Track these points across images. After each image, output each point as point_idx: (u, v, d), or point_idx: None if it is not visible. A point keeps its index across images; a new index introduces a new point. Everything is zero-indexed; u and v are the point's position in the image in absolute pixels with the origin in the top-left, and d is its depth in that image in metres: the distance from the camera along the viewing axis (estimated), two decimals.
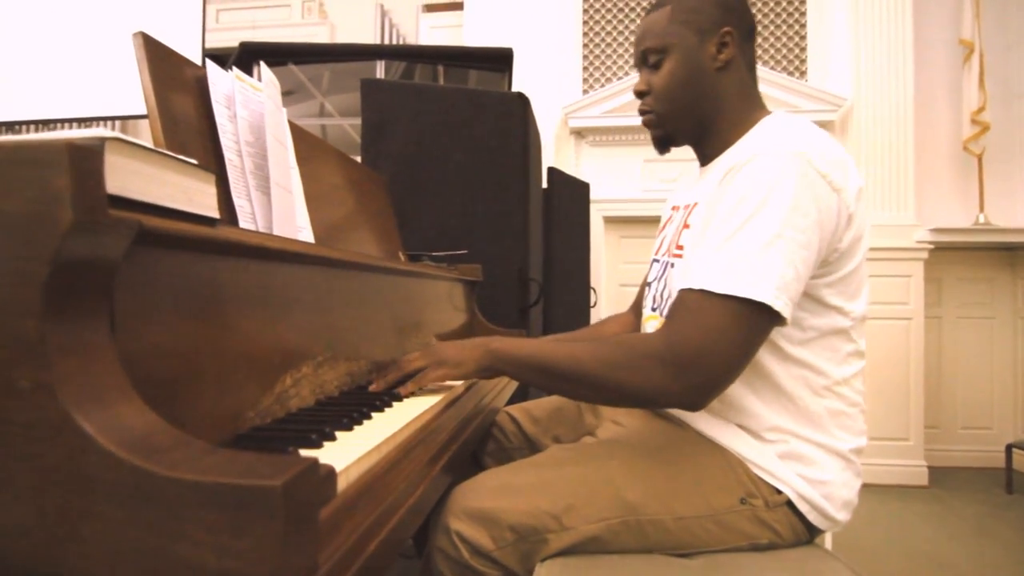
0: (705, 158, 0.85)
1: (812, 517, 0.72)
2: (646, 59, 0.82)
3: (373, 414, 0.59)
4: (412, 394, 0.75)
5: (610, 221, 3.90)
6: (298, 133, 0.97)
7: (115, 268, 0.37)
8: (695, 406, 0.68)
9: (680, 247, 0.79)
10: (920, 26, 3.48)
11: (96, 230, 0.34)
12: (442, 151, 1.89)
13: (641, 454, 0.74)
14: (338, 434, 0.51)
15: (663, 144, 0.86)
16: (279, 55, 2.36)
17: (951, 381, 3.27)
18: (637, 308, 1.05)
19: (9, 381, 0.32)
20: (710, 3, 0.78)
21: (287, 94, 3.53)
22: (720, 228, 0.67)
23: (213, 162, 0.69)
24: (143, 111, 0.63)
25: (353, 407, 0.62)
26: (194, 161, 0.50)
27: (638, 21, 4.05)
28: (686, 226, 0.79)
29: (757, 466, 0.71)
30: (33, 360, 0.31)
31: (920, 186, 3.24)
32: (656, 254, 0.91)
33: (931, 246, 3.05)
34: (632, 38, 3.89)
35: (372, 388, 0.74)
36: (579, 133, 3.88)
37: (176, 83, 0.66)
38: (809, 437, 0.72)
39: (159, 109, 0.61)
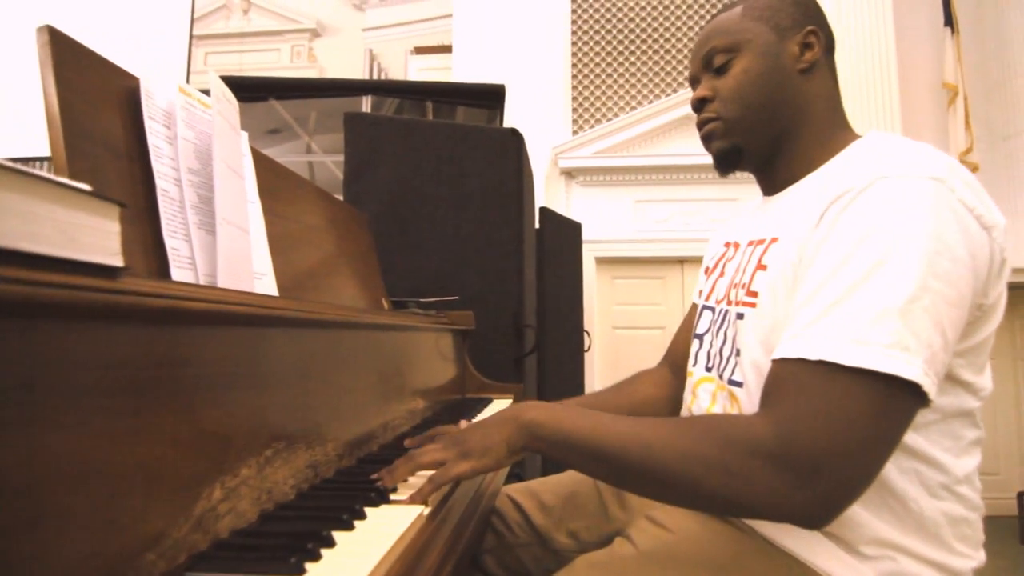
0: (774, 185, 0.70)
1: None
2: (710, 62, 0.69)
3: (338, 535, 0.42)
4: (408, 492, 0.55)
5: (602, 262, 3.80)
6: (266, 164, 0.83)
7: None
8: (818, 523, 0.50)
9: (753, 293, 0.62)
10: (904, 69, 3.53)
11: None
12: (430, 189, 1.76)
13: None
14: None
15: (729, 159, 0.70)
16: (260, 90, 2.25)
17: None
18: (673, 362, 0.87)
19: None
20: (790, 2, 0.67)
21: (272, 132, 3.44)
22: (839, 275, 0.50)
23: (142, 193, 0.54)
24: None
25: (312, 522, 0.45)
26: (83, 186, 0.35)
27: (626, 63, 4.08)
28: (761, 267, 0.62)
29: None
30: None
31: None
32: (705, 299, 0.74)
33: None
34: (620, 80, 3.89)
35: (374, 477, 0.57)
36: (569, 173, 3.82)
37: (94, 91, 0.52)
38: (921, 554, 0.54)
39: (63, 121, 0.46)
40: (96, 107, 0.52)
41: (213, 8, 6.96)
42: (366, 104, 2.34)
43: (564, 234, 2.92)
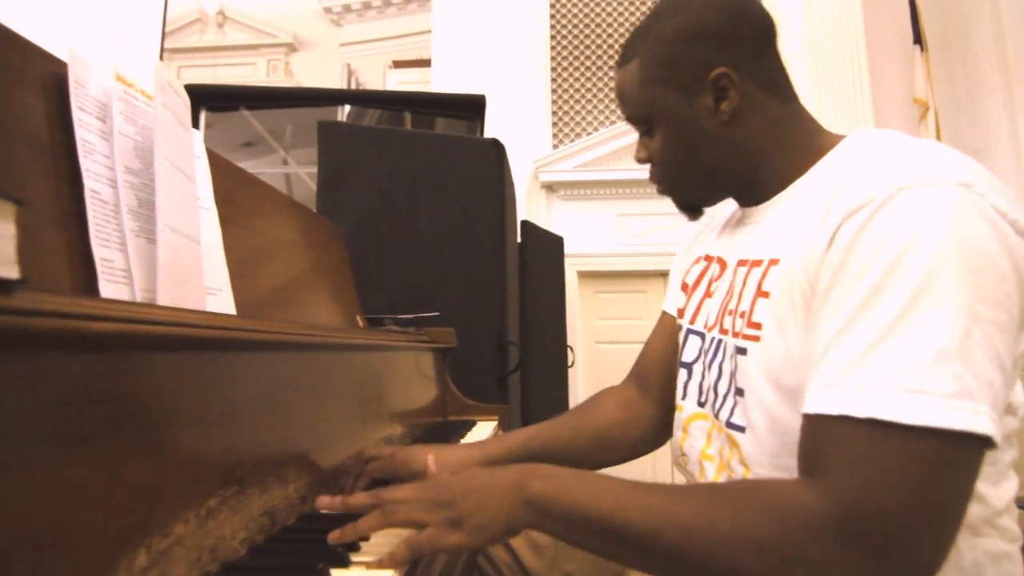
0: (753, 198, 0.62)
1: None
2: (636, 125, 0.64)
3: None
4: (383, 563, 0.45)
5: (584, 276, 3.76)
6: (227, 169, 0.75)
7: None
8: None
9: (756, 324, 0.54)
10: (876, 86, 3.61)
11: None
12: (408, 201, 1.69)
13: None
14: None
15: (690, 211, 0.67)
16: (230, 99, 2.16)
17: None
18: (641, 379, 0.80)
19: None
20: (685, 42, 0.58)
21: (246, 145, 3.34)
22: (873, 310, 0.43)
23: (67, 195, 0.46)
24: None
25: None
26: None
27: (606, 76, 4.09)
28: (762, 293, 0.54)
29: None
30: None
31: None
32: (690, 322, 0.67)
33: None
34: (600, 95, 3.90)
35: (333, 537, 0.47)
36: (550, 187, 3.79)
37: (9, 73, 0.44)
38: None
39: None
40: (11, 92, 0.44)
41: (187, 22, 6.85)
42: (342, 115, 2.27)
43: (546, 248, 2.87)
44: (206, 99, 1.94)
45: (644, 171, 0.66)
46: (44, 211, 0.44)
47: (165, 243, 0.49)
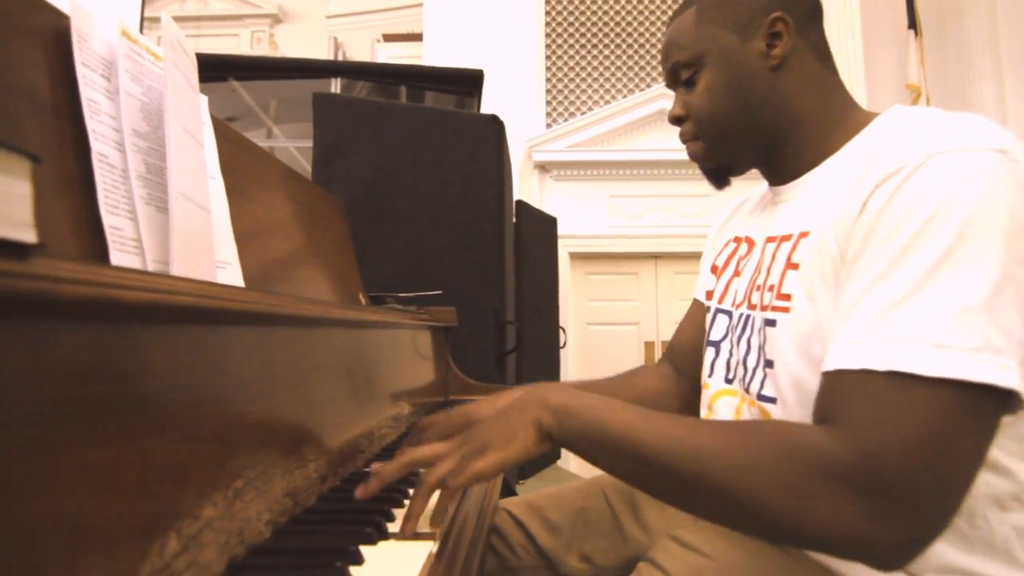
0: (783, 176, 0.62)
1: None
2: (677, 77, 0.63)
3: None
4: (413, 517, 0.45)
5: (576, 257, 3.75)
6: (229, 136, 0.72)
7: None
8: (899, 562, 0.42)
9: (786, 296, 0.54)
10: (870, 70, 3.61)
11: None
12: (406, 177, 1.66)
13: None
14: None
15: (720, 177, 0.65)
16: (219, 68, 2.08)
17: None
18: (674, 361, 0.80)
19: None
20: None
21: (231, 120, 3.24)
22: (901, 268, 0.43)
23: (73, 158, 0.43)
24: None
25: (296, 570, 0.36)
26: None
27: (601, 56, 4.04)
28: (792, 265, 0.54)
29: None
30: None
31: None
32: (719, 302, 0.67)
33: None
34: (595, 73, 3.84)
35: (360, 492, 0.47)
36: (543, 167, 3.75)
37: (8, 25, 0.40)
38: (986, 574, 0.47)
39: None
40: (9, 44, 0.41)
41: None
42: (335, 87, 2.20)
43: (540, 229, 2.85)
44: (198, 68, 1.87)
45: (639, 152, 0.65)
46: (50, 174, 0.41)
47: (178, 212, 0.46)
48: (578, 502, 0.72)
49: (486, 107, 3.11)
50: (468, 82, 2.14)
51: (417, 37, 4.49)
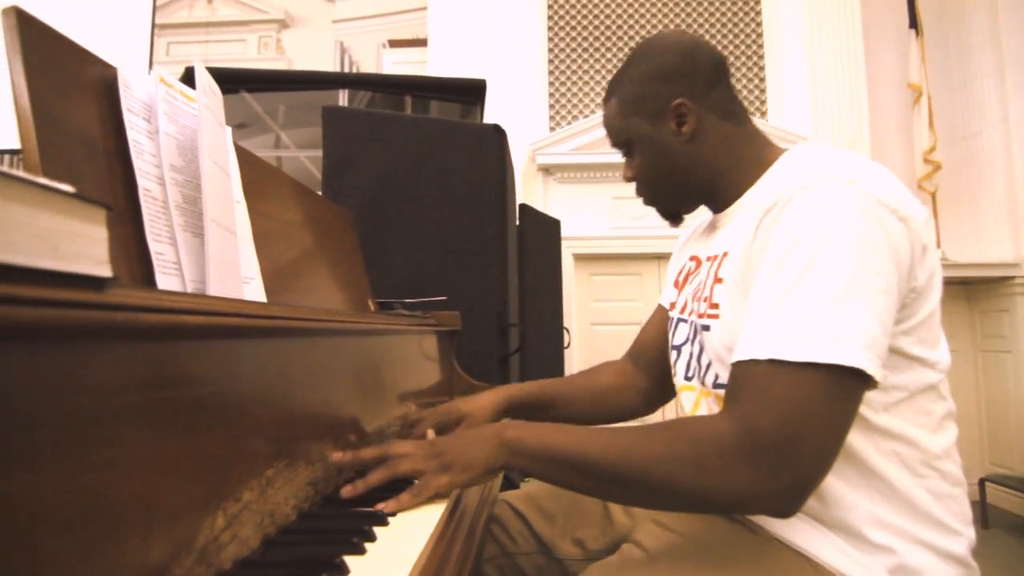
0: (720, 206, 0.75)
1: None
2: (620, 149, 0.78)
3: (350, 560, 0.40)
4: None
5: (580, 259, 3.80)
6: (245, 158, 0.79)
7: None
8: (789, 511, 0.52)
9: (715, 305, 0.66)
10: (872, 69, 3.63)
11: None
12: (412, 186, 1.72)
13: None
14: None
15: (672, 218, 0.80)
16: (232, 81, 2.16)
17: None
18: (636, 357, 0.93)
19: None
20: (651, 82, 0.72)
21: (240, 127, 3.32)
22: (776, 280, 0.55)
23: (122, 193, 0.50)
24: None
25: (319, 545, 0.42)
26: (66, 187, 0.31)
27: (603, 59, 4.09)
28: (718, 280, 0.66)
29: None
30: None
31: None
32: (680, 312, 0.77)
33: None
34: (597, 77, 3.90)
35: (346, 492, 0.55)
36: (547, 170, 3.81)
37: (68, 80, 0.47)
38: (917, 535, 0.57)
39: (35, 113, 0.42)
40: (70, 98, 0.47)
41: None
42: (343, 97, 2.27)
43: (543, 231, 2.91)
44: None
45: None
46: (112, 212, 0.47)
47: (212, 237, 0.53)
48: (571, 493, 0.78)
49: (490, 112, 3.17)
50: (471, 91, 2.20)
51: (422, 43, 4.56)
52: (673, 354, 0.77)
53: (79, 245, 0.34)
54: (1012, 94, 3.38)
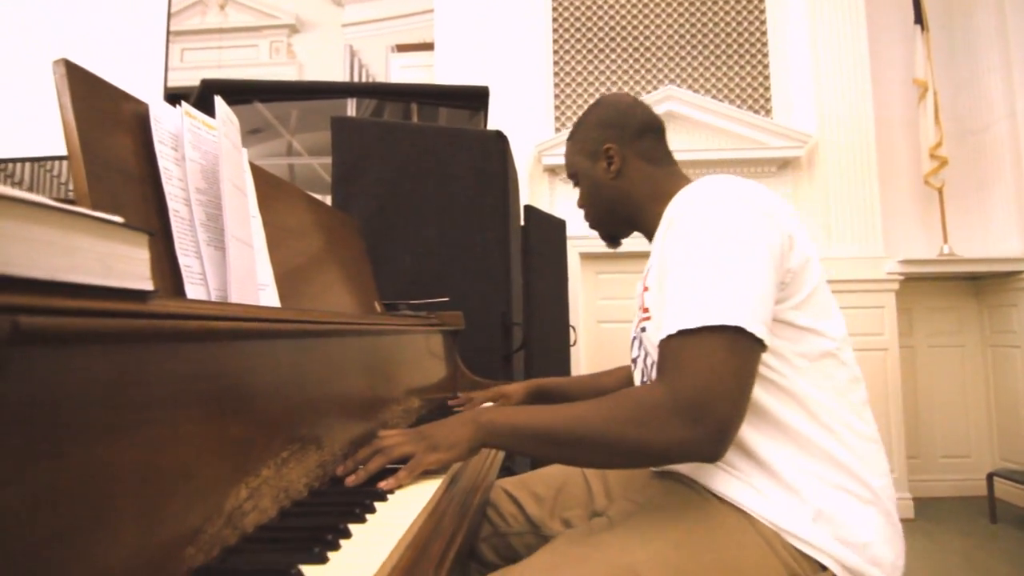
0: (649, 234, 0.88)
1: None
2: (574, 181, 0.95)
3: (353, 527, 0.47)
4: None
5: (587, 257, 3.86)
6: (259, 174, 0.86)
7: None
8: (715, 454, 0.63)
9: (646, 310, 0.79)
10: (877, 66, 3.63)
11: None
12: (418, 192, 1.79)
13: (669, 539, 0.66)
14: (310, 572, 0.38)
15: (610, 241, 0.97)
16: (245, 92, 2.25)
17: (928, 410, 3.27)
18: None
19: None
20: (593, 128, 0.90)
21: (253, 132, 3.43)
22: (676, 273, 0.68)
23: (155, 214, 0.57)
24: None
25: (327, 516, 0.49)
26: (116, 219, 0.39)
27: (607, 60, 4.13)
28: (646, 289, 0.79)
29: (794, 535, 0.65)
30: None
31: (886, 219, 3.32)
32: (633, 331, 0.88)
33: (901, 277, 3.10)
34: (602, 77, 3.94)
35: (349, 481, 0.62)
36: (552, 170, 3.86)
37: (108, 119, 0.55)
38: (834, 482, 0.67)
39: (83, 150, 0.50)
40: (111, 134, 0.55)
41: (188, 4, 6.82)
42: (351, 105, 2.35)
43: (549, 231, 2.97)
44: (224, 92, 2.03)
45: None
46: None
47: (232, 250, 0.61)
48: (560, 478, 0.87)
49: (496, 114, 3.23)
50: (474, 98, 2.27)
51: (429, 47, 4.63)
52: (632, 367, 0.89)
53: (127, 265, 0.41)
54: (1019, 89, 3.37)
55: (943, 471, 3.21)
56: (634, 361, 0.88)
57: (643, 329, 0.80)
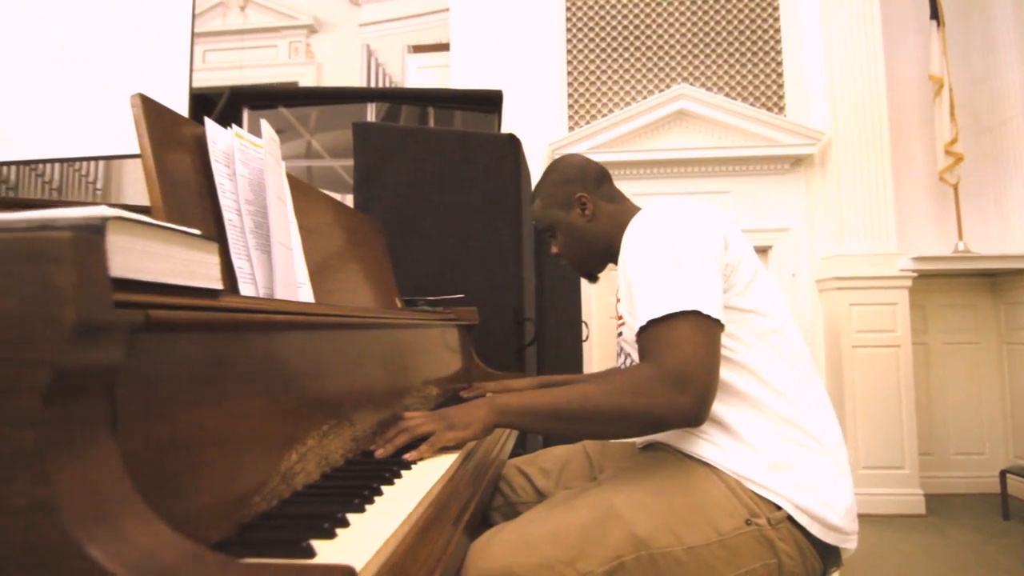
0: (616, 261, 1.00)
1: (815, 530, 0.75)
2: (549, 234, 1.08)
3: (384, 488, 0.56)
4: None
5: None
6: (294, 183, 0.96)
7: (119, 367, 0.34)
8: (698, 417, 0.73)
9: (620, 316, 0.93)
10: (891, 62, 3.61)
11: (101, 328, 0.31)
12: (435, 193, 1.89)
13: (645, 488, 0.78)
14: (351, 518, 0.47)
15: (589, 276, 1.10)
16: (269, 99, 2.37)
17: (941, 406, 3.28)
18: None
19: (2, 499, 0.28)
20: (560, 185, 1.03)
21: (277, 132, 3.55)
22: (640, 279, 0.80)
23: (212, 222, 0.67)
24: (129, 150, 0.60)
25: (361, 480, 0.59)
26: (197, 232, 0.48)
27: (621, 59, 4.17)
28: (618, 299, 0.93)
29: (753, 482, 0.76)
30: (30, 475, 0.28)
31: (900, 216, 3.31)
32: (616, 340, 1.03)
33: (915, 274, 3.10)
34: (615, 76, 4.00)
35: (379, 454, 0.72)
36: None
37: (174, 143, 0.64)
38: (788, 436, 0.78)
39: (158, 172, 0.59)
40: (177, 155, 0.65)
41: (210, 5, 6.96)
42: (371, 109, 2.45)
43: None
44: (250, 100, 2.15)
45: (659, 152, 1.04)
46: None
47: (276, 253, 0.70)
48: (565, 455, 0.98)
49: (510, 113, 3.30)
50: (488, 101, 2.36)
51: (444, 47, 4.71)
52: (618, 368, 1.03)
53: (202, 268, 0.50)
54: None
55: (956, 468, 3.21)
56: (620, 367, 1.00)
57: (620, 334, 0.93)
